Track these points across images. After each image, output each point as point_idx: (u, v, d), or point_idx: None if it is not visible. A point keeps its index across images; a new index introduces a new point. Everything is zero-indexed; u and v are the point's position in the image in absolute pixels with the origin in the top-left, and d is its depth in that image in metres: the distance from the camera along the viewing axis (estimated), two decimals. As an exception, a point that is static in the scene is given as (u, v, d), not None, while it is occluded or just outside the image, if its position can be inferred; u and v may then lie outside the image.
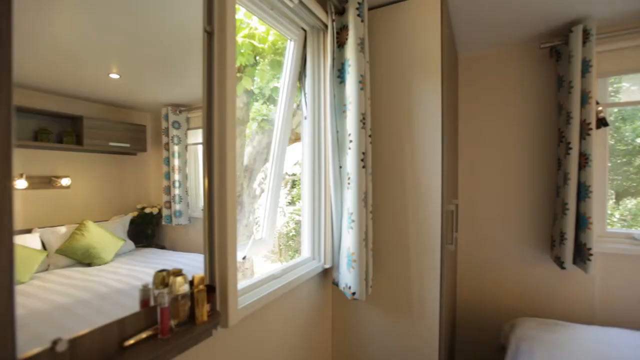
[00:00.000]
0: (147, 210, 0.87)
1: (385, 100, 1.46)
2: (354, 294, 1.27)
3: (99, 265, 0.75)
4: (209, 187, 0.90)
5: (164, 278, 0.76)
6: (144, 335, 0.69)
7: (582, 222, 1.62)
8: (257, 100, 3.05)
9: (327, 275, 1.55)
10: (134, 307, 0.72)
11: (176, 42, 0.93)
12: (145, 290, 0.73)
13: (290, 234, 4.16)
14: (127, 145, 0.82)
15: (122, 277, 0.76)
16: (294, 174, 4.25)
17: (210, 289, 0.87)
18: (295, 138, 2.84)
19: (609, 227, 1.85)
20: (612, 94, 1.92)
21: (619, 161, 2.08)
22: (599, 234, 1.80)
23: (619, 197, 2.12)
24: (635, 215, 2.09)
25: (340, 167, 1.37)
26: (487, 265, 2.06)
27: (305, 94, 1.50)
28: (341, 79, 1.38)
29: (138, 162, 0.85)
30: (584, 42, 1.62)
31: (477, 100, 2.09)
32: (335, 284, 1.44)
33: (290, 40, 1.44)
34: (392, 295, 1.46)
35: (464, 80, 2.12)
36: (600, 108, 1.71)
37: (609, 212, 1.96)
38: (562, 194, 1.69)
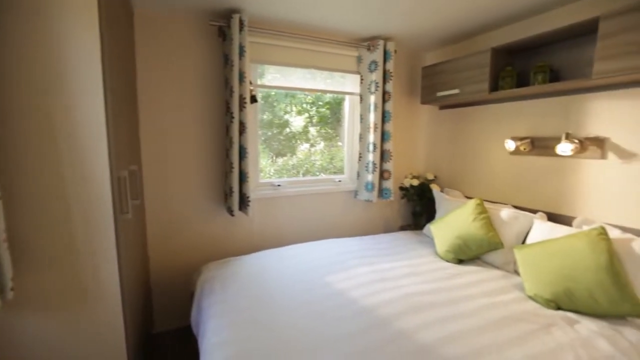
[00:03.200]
0: None
1: (21, 45, 1.06)
2: (-22, 307, 0.91)
3: None
4: None
5: None
6: None
7: (243, 177, 2.08)
8: None
9: None
10: None
11: None
12: None
13: None
14: None
15: None
16: None
17: None
18: None
19: (264, 179, 2.52)
20: (270, 79, 2.48)
21: (275, 131, 2.80)
22: (254, 185, 2.39)
23: (276, 157, 2.88)
24: (282, 169, 2.94)
25: None
26: (175, 226, 2.18)
27: None
28: None
29: None
30: (240, 30, 1.97)
31: (156, 66, 2.01)
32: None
33: None
34: (55, 289, 1.19)
35: (142, 41, 1.96)
36: (252, 88, 2.19)
37: (269, 168, 2.65)
38: (229, 156, 2.06)
